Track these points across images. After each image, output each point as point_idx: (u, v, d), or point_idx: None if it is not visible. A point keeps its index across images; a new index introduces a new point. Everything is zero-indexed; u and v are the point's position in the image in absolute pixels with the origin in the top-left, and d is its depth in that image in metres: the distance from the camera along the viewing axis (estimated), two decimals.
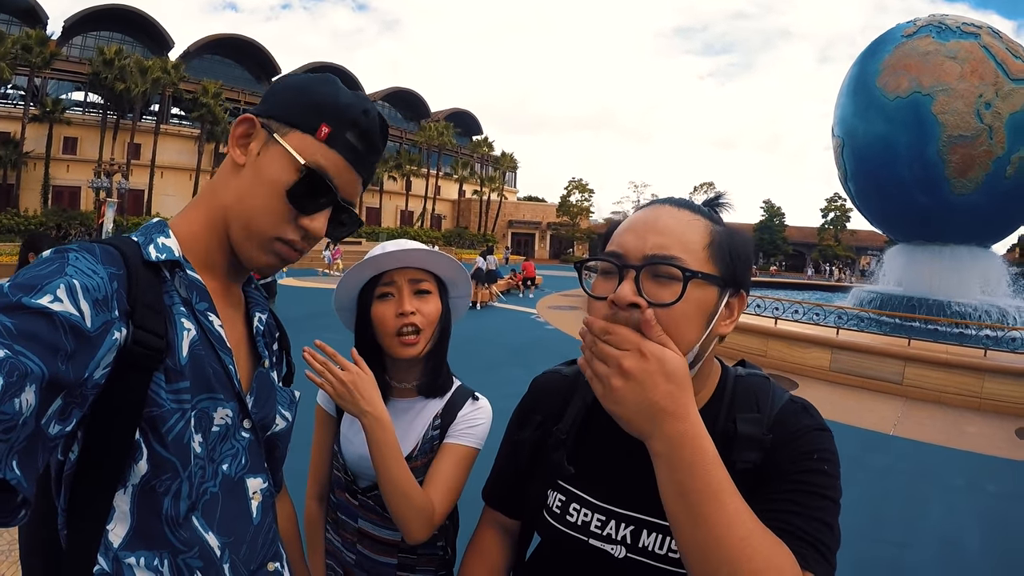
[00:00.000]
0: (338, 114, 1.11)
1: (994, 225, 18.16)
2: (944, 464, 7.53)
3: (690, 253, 1.09)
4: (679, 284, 1.06)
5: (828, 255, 69.16)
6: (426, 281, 1.82)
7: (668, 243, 1.09)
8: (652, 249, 1.08)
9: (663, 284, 1.07)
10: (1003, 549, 5.37)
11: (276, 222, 1.10)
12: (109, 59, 42.27)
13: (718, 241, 1.14)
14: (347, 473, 1.85)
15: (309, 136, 1.10)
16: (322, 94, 1.13)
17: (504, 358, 11.96)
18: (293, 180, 1.08)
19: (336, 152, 1.11)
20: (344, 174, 1.13)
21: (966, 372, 10.56)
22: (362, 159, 1.15)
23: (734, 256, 1.15)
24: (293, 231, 1.12)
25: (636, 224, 1.15)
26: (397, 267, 1.78)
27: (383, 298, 1.78)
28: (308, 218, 1.11)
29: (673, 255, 1.08)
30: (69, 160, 44.93)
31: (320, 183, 1.10)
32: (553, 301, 24.26)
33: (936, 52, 16.66)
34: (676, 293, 1.06)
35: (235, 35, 56.84)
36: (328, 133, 1.10)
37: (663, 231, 1.11)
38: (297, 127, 1.10)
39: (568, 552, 1.27)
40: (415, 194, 64.85)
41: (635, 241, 1.11)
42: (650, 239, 1.10)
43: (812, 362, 12.18)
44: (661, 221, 1.13)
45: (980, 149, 16.12)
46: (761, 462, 1.13)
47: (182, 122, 52.76)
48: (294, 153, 1.08)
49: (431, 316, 1.80)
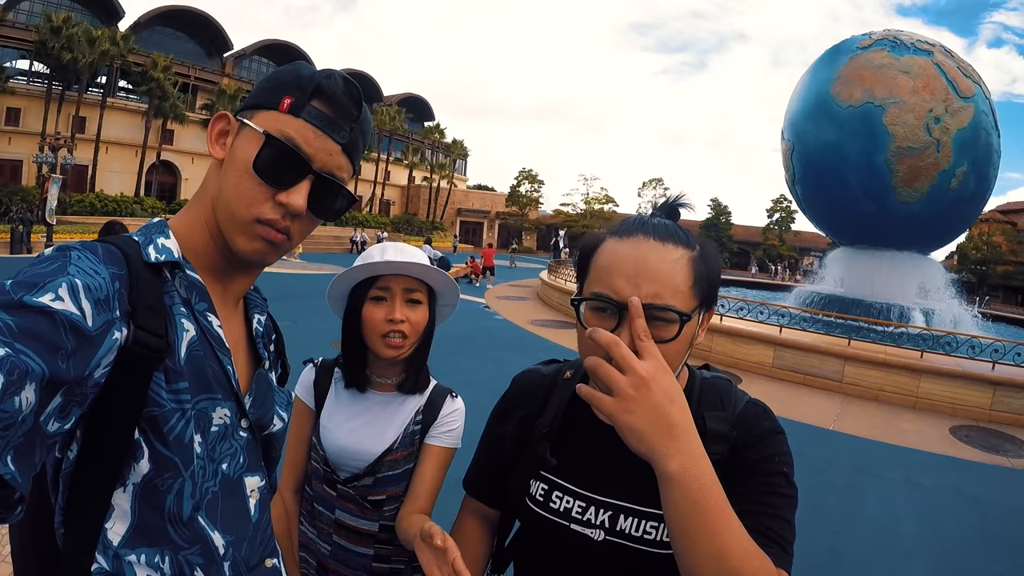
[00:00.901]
0: (298, 84, 1.10)
1: (935, 233, 18.90)
2: (881, 458, 7.84)
3: (679, 295, 1.19)
4: (674, 326, 1.17)
5: (772, 255, 70.79)
6: (419, 291, 1.88)
7: (661, 290, 1.17)
8: (648, 298, 1.16)
9: (659, 326, 1.17)
10: (936, 538, 5.65)
11: (250, 202, 1.08)
12: (56, 27, 40.50)
13: (698, 273, 1.24)
14: (327, 465, 1.89)
15: (273, 111, 1.09)
16: (284, 72, 1.15)
17: (454, 347, 11.99)
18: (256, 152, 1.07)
19: (303, 120, 1.08)
20: (316, 142, 1.09)
21: (903, 372, 11.01)
22: (334, 124, 1.11)
23: (711, 282, 1.27)
24: (272, 209, 1.08)
25: (625, 267, 1.20)
26: (395, 274, 1.85)
27: (376, 301, 1.85)
28: (285, 193, 1.08)
29: (668, 303, 1.17)
30: (11, 132, 43.10)
31: (286, 152, 1.07)
32: (502, 291, 24.30)
33: (890, 66, 17.20)
34: (671, 333, 1.17)
35: (187, 7, 54.85)
36: (291, 103, 1.08)
37: (655, 278, 1.18)
38: (262, 107, 1.10)
39: (550, 536, 1.38)
40: (364, 179, 63.36)
41: (629, 287, 1.18)
42: (644, 287, 1.17)
43: (755, 359, 12.52)
44: (651, 266, 1.19)
45: (927, 161, 16.76)
46: (728, 455, 1.26)
47: (129, 96, 50.72)
48: (254, 126, 1.08)
49: (419, 325, 1.87)
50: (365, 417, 1.91)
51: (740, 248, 75.09)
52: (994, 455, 8.46)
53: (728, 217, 74.60)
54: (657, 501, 1.23)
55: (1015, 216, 66.74)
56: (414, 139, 70.03)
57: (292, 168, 1.09)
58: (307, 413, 1.97)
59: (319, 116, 1.10)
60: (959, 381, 10.63)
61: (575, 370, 1.50)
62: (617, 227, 1.31)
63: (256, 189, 1.08)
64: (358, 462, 1.86)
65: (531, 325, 16.35)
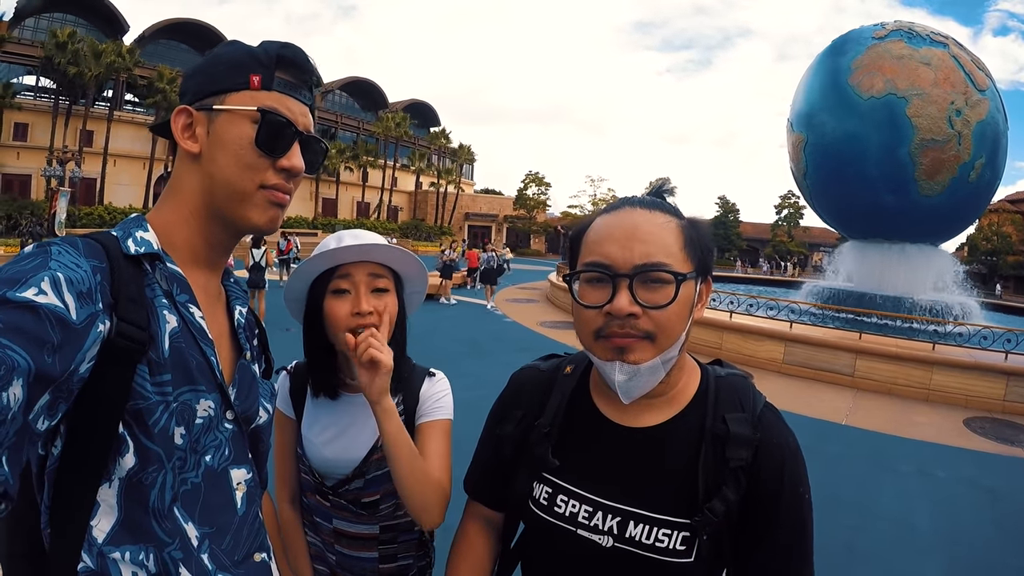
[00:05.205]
0: (258, 61, 1.15)
1: (950, 225, 18.89)
2: (895, 452, 7.78)
3: (672, 256, 1.19)
4: (670, 287, 1.17)
5: (781, 251, 70.54)
6: (384, 278, 1.71)
7: (653, 250, 1.18)
8: (640, 258, 1.17)
9: (655, 289, 1.17)
10: (951, 530, 5.59)
11: (254, 174, 1.13)
12: (62, 42, 40.81)
13: (689, 237, 1.24)
14: (315, 475, 1.80)
15: (245, 91, 1.13)
16: (232, 52, 1.18)
17: (463, 351, 11.96)
18: (255, 130, 1.12)
19: (276, 92, 1.15)
20: (292, 107, 1.17)
21: (915, 365, 10.92)
22: (298, 87, 1.19)
23: (703, 248, 1.26)
24: (274, 175, 1.15)
25: (615, 233, 1.22)
26: (355, 261, 1.68)
27: (338, 294, 1.67)
28: (285, 158, 1.16)
29: (661, 261, 1.17)
30: (19, 147, 43.46)
31: (278, 122, 1.14)
32: (511, 294, 24.28)
33: (910, 57, 17.07)
34: (668, 295, 1.17)
35: (191, 20, 55.26)
36: (260, 79, 1.14)
37: (645, 238, 1.19)
38: (231, 90, 1.13)
39: (556, 542, 1.33)
40: (372, 185, 63.97)
41: (620, 251, 1.19)
42: (636, 248, 1.18)
43: (766, 355, 12.45)
44: (641, 228, 1.21)
45: (949, 154, 16.69)
46: (751, 461, 1.23)
47: (136, 109, 51.18)
48: (244, 108, 1.12)
49: (389, 316, 1.69)
50: (343, 422, 1.80)
51: (749, 245, 74.99)
52: (1009, 446, 8.38)
53: (736, 215, 74.56)
54: (669, 507, 1.22)
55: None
56: (420, 145, 70.26)
57: (284, 136, 1.16)
58: (288, 423, 1.87)
59: (287, 84, 1.18)
60: (972, 372, 10.54)
61: (575, 365, 1.47)
62: (606, 207, 1.32)
63: (257, 162, 1.13)
64: (344, 469, 1.76)
65: (540, 327, 16.32)
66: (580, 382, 1.43)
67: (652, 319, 1.17)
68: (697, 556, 1.21)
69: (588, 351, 1.28)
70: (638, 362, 1.19)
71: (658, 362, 1.21)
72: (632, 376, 1.20)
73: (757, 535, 1.23)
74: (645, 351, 1.19)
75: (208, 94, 1.14)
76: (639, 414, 1.32)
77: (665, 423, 1.30)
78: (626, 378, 1.20)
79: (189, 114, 1.15)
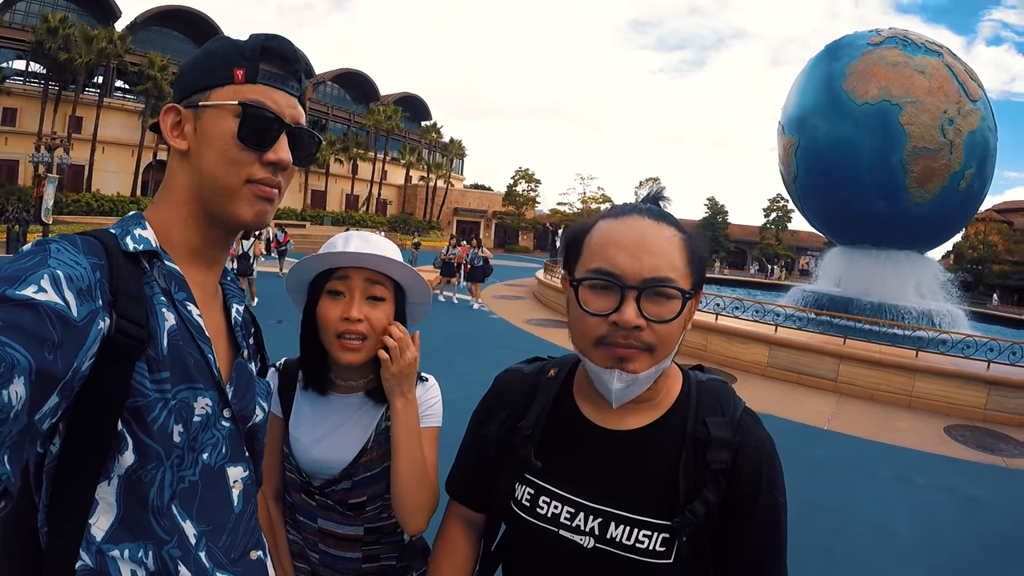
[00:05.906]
0: (242, 54, 1.14)
1: (938, 233, 19.04)
2: (876, 458, 7.85)
3: (676, 271, 1.21)
4: (676, 302, 1.20)
5: (768, 254, 70.88)
6: (381, 286, 1.70)
7: (661, 264, 1.20)
8: (649, 271, 1.19)
9: (661, 303, 1.19)
10: (931, 537, 5.66)
11: (239, 169, 1.12)
12: (53, 27, 40.42)
13: (691, 252, 1.26)
14: (301, 474, 1.79)
15: (230, 85, 1.12)
16: (218, 47, 1.17)
17: (448, 347, 11.96)
18: (237, 124, 1.11)
19: (261, 84, 1.14)
20: (278, 99, 1.15)
21: (898, 371, 11.02)
22: (285, 79, 1.18)
23: (702, 264, 1.29)
24: (260, 170, 1.13)
25: (623, 241, 1.23)
26: (354, 265, 1.69)
27: (333, 296, 1.68)
28: (272, 151, 1.13)
29: (668, 276, 1.19)
30: (8, 132, 43.07)
31: (261, 114, 1.12)
32: (498, 291, 24.25)
33: (905, 64, 17.17)
34: (673, 310, 1.20)
35: (184, 7, 54.65)
36: (244, 73, 1.13)
37: (655, 252, 1.21)
38: (215, 86, 1.13)
39: (538, 542, 1.35)
40: (361, 178, 63.53)
41: (629, 261, 1.20)
42: (645, 259, 1.20)
43: (750, 358, 12.54)
44: (650, 240, 1.22)
45: (941, 162, 16.83)
46: (731, 463, 1.26)
47: (126, 96, 50.71)
48: (225, 102, 1.11)
49: (379, 325, 1.68)
50: (332, 422, 1.79)
51: (737, 247, 75.29)
52: (989, 455, 8.47)
53: (725, 216, 74.85)
54: (650, 508, 1.24)
55: (1012, 215, 67.02)
56: (411, 138, 69.83)
57: (269, 129, 1.14)
58: (276, 421, 1.83)
59: (273, 76, 1.16)
60: (954, 380, 10.64)
61: (559, 368, 1.48)
62: (609, 211, 1.33)
63: (241, 156, 1.12)
64: (332, 470, 1.76)
65: (527, 324, 16.34)
66: (564, 385, 1.45)
67: (655, 332, 1.19)
68: (677, 557, 1.23)
69: (583, 355, 1.29)
70: (637, 371, 1.21)
71: (654, 372, 1.24)
72: (629, 384, 1.22)
73: (735, 535, 1.26)
74: (644, 361, 1.21)
75: (195, 91, 1.15)
76: (622, 417, 1.33)
77: (647, 426, 1.32)
78: (623, 386, 1.22)
79: (178, 112, 1.15)
